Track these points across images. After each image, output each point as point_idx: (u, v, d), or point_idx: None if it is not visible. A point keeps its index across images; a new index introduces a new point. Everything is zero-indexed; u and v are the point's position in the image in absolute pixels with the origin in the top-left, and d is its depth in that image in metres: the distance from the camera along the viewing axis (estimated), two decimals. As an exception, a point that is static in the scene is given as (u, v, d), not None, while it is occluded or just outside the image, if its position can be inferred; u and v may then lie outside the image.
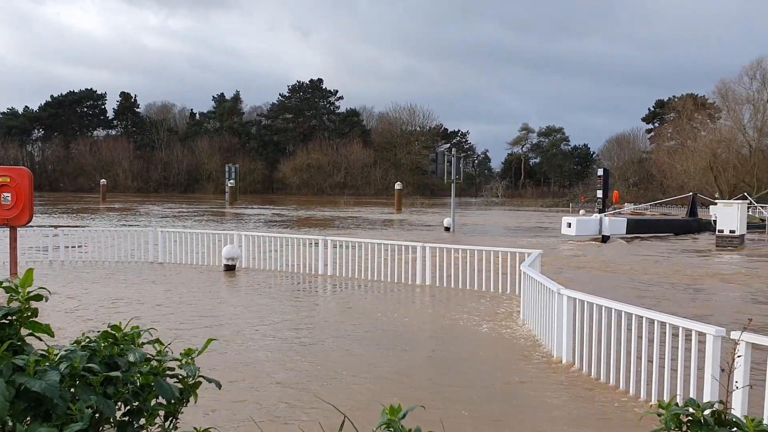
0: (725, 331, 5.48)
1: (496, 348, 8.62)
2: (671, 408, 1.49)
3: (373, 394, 6.50)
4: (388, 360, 7.89)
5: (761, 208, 41.77)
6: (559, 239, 27.64)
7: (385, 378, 7.11)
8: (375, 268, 14.56)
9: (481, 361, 7.96)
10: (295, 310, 11.21)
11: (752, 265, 19.05)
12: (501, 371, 7.47)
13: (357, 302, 12.10)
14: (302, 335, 9.18)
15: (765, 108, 67.65)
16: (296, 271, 15.67)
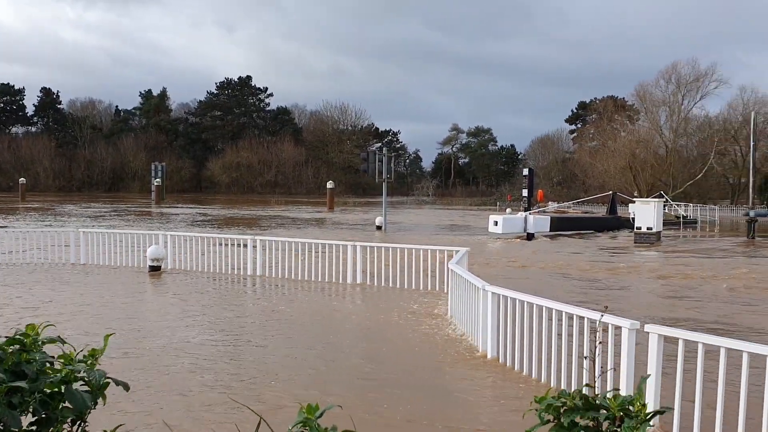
0: (639, 324, 5.74)
1: (424, 345, 8.73)
2: (545, 400, 1.59)
3: (297, 394, 6.48)
4: (316, 360, 7.89)
5: (676, 206, 43.92)
6: (486, 237, 28.23)
7: (311, 378, 7.10)
8: (305, 268, 14.49)
9: (409, 358, 8.05)
10: (222, 311, 11.03)
11: (667, 260, 19.99)
12: (427, 368, 7.59)
13: (286, 303, 12.02)
14: (228, 336, 9.05)
15: (680, 110, 71.08)
16: (224, 271, 15.43)
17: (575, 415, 1.54)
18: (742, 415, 4.90)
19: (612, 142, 72.35)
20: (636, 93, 76.29)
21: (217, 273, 15.34)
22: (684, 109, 71.69)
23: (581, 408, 1.55)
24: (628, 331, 5.68)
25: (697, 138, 73.32)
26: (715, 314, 11.24)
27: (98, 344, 1.97)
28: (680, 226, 36.41)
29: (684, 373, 5.32)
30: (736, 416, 4.92)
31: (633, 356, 5.69)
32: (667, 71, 73.01)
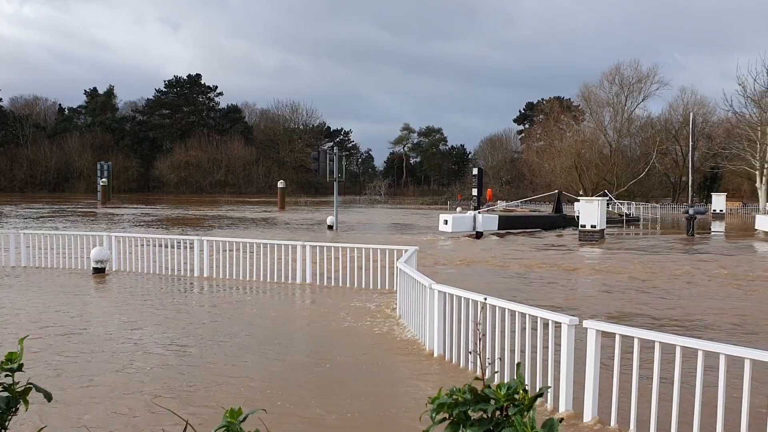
0: (578, 320, 5.92)
1: (372, 344, 8.79)
2: (438, 399, 1.64)
3: (245, 396, 6.46)
4: (262, 362, 7.86)
5: (620, 204, 45.16)
6: (437, 236, 28.47)
7: (255, 380, 7.07)
8: (254, 269, 14.38)
9: (357, 357, 8.09)
10: (168, 313, 10.87)
11: (610, 257, 20.55)
12: (374, 367, 7.64)
13: (233, 304, 11.91)
14: (172, 340, 8.93)
15: (623, 110, 73.10)
16: (171, 273, 15.19)
17: (464, 408, 1.60)
18: (675, 407, 5.11)
19: (558, 142, 73.92)
20: (581, 94, 78.22)
21: (163, 275, 15.09)
22: (627, 110, 73.79)
23: (470, 402, 1.61)
24: (567, 327, 5.84)
25: (640, 138, 75.57)
26: (656, 308, 11.62)
27: (32, 349, 1.95)
28: (623, 224, 37.45)
29: (638, 368, 5.51)
30: (669, 408, 5.13)
31: (572, 351, 5.86)
32: (610, 73, 75.01)
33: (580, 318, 5.95)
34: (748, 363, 4.72)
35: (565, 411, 5.83)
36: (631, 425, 5.36)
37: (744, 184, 68.53)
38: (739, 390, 4.75)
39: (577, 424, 5.66)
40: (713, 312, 11.35)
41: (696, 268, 17.41)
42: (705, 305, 12.07)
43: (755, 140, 57.15)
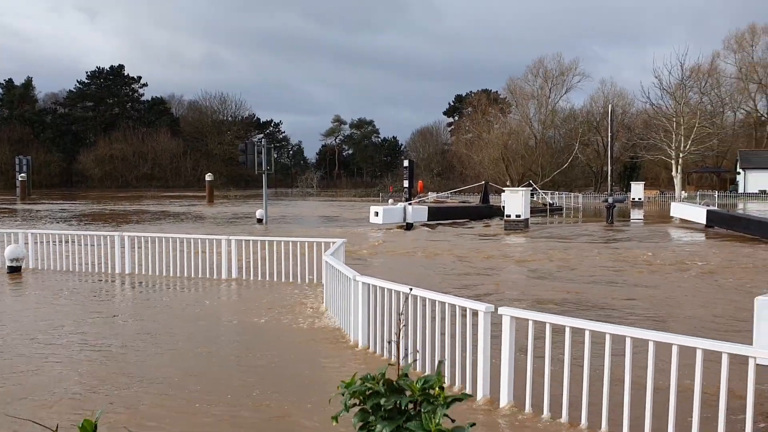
0: (494, 307, 6.07)
1: (297, 337, 8.77)
2: (351, 386, 1.66)
3: (164, 395, 6.34)
4: (184, 359, 7.72)
5: (544, 194, 46.46)
6: (368, 228, 28.57)
7: (178, 379, 6.94)
8: (177, 264, 14.07)
9: (282, 351, 8.05)
10: (87, 312, 10.51)
11: (534, 245, 21.14)
12: (300, 360, 7.62)
13: (156, 301, 11.64)
14: (91, 340, 8.65)
15: (548, 103, 75.25)
16: (91, 270, 14.69)
17: (378, 399, 1.62)
18: (585, 389, 5.32)
19: (486, 134, 75.40)
20: (507, 87, 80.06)
21: (83, 272, 14.58)
22: (551, 102, 76.05)
23: (384, 392, 1.63)
24: (483, 314, 5.99)
25: (563, 129, 78.00)
26: (575, 293, 12.04)
27: None
28: (547, 213, 38.56)
29: (550, 352, 5.68)
30: (580, 390, 5.35)
31: (489, 338, 6.01)
32: (534, 66, 77.06)
33: (497, 305, 6.11)
34: (651, 345, 4.97)
35: (482, 397, 5.99)
36: (545, 409, 5.55)
37: (662, 173, 71.80)
38: (644, 369, 4.99)
39: (494, 409, 5.82)
40: (628, 296, 11.85)
41: (613, 254, 18.12)
42: (621, 290, 12.58)
43: (671, 131, 59.83)
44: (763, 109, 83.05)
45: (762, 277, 13.78)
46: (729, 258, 17.30)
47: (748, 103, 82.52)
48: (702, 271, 15.03)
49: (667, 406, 4.79)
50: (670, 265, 16.03)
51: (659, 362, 5.08)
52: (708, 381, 4.80)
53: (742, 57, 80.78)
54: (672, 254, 18.33)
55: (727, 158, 75.97)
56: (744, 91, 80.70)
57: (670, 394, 4.79)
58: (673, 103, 60.92)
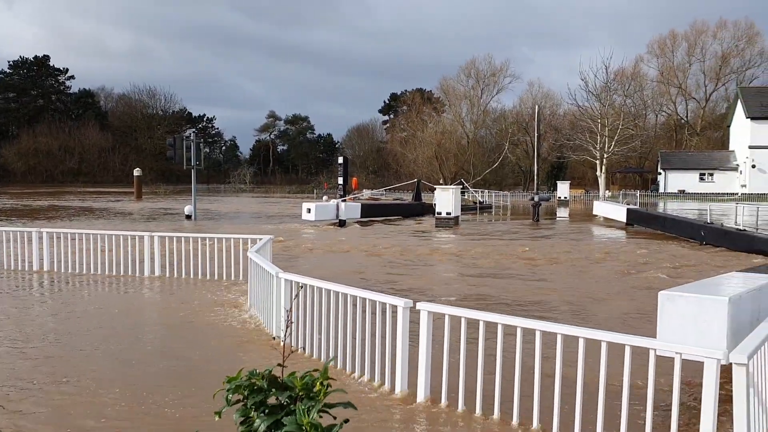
0: (412, 302, 6.16)
1: (221, 334, 8.66)
2: (235, 381, 1.67)
3: (69, 397, 6.16)
4: (103, 359, 7.51)
5: (474, 192, 47.33)
6: (300, 225, 28.43)
7: (95, 379, 6.75)
8: (99, 261, 13.64)
9: (205, 350, 7.94)
10: (1, 311, 10.08)
11: (463, 242, 21.52)
12: (222, 359, 7.53)
13: (75, 299, 11.26)
14: (7, 338, 8.30)
15: (479, 103, 76.63)
16: (7, 268, 14.07)
17: (261, 395, 1.63)
18: (498, 382, 5.47)
19: (420, 133, 76.22)
20: (440, 86, 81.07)
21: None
22: (483, 103, 77.47)
23: (267, 389, 1.65)
24: (402, 309, 6.07)
25: (494, 129, 79.63)
26: (500, 289, 12.34)
27: None
28: (477, 211, 39.30)
29: (465, 346, 5.80)
30: (493, 383, 5.49)
31: (407, 333, 6.10)
32: (467, 66, 78.38)
33: (416, 301, 6.20)
34: (560, 338, 5.15)
35: (401, 391, 6.07)
36: (460, 402, 5.68)
37: (587, 173, 74.22)
38: (553, 360, 5.17)
39: (411, 403, 5.91)
40: (548, 291, 12.22)
41: (536, 250, 18.64)
42: (542, 285, 12.97)
43: (596, 132, 61.93)
44: (683, 112, 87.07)
45: (673, 273, 14.45)
46: (644, 255, 18.06)
47: (669, 106, 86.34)
48: (618, 267, 15.64)
49: (575, 397, 4.98)
50: (590, 261, 16.62)
51: (572, 354, 5.21)
52: (619, 371, 4.95)
53: (664, 62, 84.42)
54: (592, 251, 19.00)
55: (649, 159, 79.21)
56: (665, 94, 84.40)
57: (576, 385, 4.97)
58: (599, 105, 63.08)
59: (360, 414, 5.69)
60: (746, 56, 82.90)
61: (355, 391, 6.21)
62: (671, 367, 4.58)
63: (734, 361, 4.37)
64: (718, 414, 4.41)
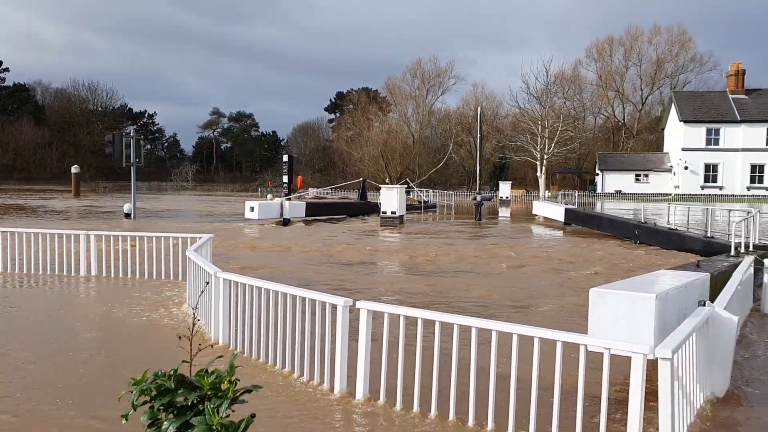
0: (352, 301, 6.17)
1: (159, 337, 8.48)
2: (140, 384, 1.64)
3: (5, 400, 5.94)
4: (31, 362, 7.26)
5: (419, 191, 47.69)
6: (243, 223, 28.10)
7: (23, 383, 6.53)
8: (31, 261, 13.17)
9: (141, 352, 7.76)
10: None
11: (407, 241, 21.68)
12: (158, 361, 7.38)
13: (6, 301, 10.84)
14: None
15: (425, 103, 77.24)
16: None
17: (168, 397, 1.61)
18: (435, 380, 5.53)
19: (367, 132, 76.31)
20: (386, 86, 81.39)
21: None
22: (428, 103, 78.13)
23: (173, 390, 1.63)
24: (342, 308, 6.09)
25: (439, 129, 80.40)
26: (443, 287, 12.47)
27: None
28: (422, 210, 39.64)
29: (403, 344, 5.84)
30: (430, 380, 5.56)
31: (347, 332, 6.11)
32: (412, 67, 78.98)
33: (355, 300, 6.21)
34: (494, 335, 5.25)
35: (339, 390, 6.08)
36: (398, 399, 5.72)
37: (528, 174, 75.74)
38: (488, 356, 5.27)
39: (350, 402, 5.93)
40: (489, 288, 12.42)
41: (478, 249, 18.93)
42: (483, 283, 13.17)
43: (537, 134, 63.28)
44: (620, 114, 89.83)
45: (607, 271, 14.90)
46: (580, 253, 18.57)
47: (607, 108, 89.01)
48: (556, 265, 16.03)
49: (509, 392, 5.09)
50: (529, 259, 16.98)
51: (508, 350, 5.30)
52: (556, 368, 5.06)
53: (602, 65, 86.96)
54: (531, 250, 19.42)
55: (587, 160, 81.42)
56: (603, 97, 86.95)
57: (510, 381, 5.08)
58: (539, 107, 64.48)
59: (298, 413, 5.68)
60: (680, 61, 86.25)
61: (295, 391, 6.20)
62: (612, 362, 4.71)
63: (659, 356, 4.55)
64: (645, 407, 4.58)
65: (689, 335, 5.21)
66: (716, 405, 6.03)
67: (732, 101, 69.02)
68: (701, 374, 5.82)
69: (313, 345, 6.43)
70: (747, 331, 9.10)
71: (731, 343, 6.35)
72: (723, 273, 9.62)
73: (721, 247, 15.50)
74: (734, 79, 70.69)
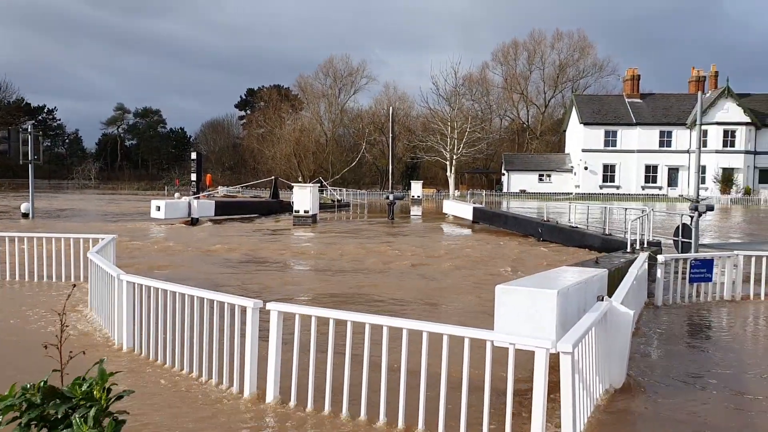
0: (262, 302, 6.09)
1: (57, 342, 8.05)
2: (5, 399, 1.56)
3: None
4: None
5: (332, 190, 47.65)
6: (149, 223, 27.17)
7: None
8: None
9: (39, 359, 7.34)
10: None
11: (320, 240, 21.60)
12: (55, 367, 7.01)
13: None
14: None
15: (337, 102, 77.20)
16: None
17: (37, 411, 1.53)
18: (346, 380, 5.54)
19: (278, 130, 75.46)
20: (298, 84, 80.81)
21: None
22: (341, 102, 78.15)
23: (39, 404, 1.55)
24: (252, 310, 5.99)
25: (352, 129, 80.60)
26: (355, 286, 12.50)
27: None
28: (335, 209, 39.63)
29: (315, 345, 5.80)
30: (342, 380, 5.56)
31: (257, 334, 6.03)
32: (324, 65, 78.81)
33: (266, 301, 6.13)
34: (405, 333, 5.31)
35: (250, 393, 5.99)
36: (309, 401, 5.69)
37: (439, 173, 77.20)
38: (398, 353, 5.33)
39: (261, 404, 5.85)
40: (401, 287, 12.57)
41: (390, 248, 19.12)
42: (396, 281, 13.32)
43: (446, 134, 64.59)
44: (525, 116, 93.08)
45: (513, 268, 15.41)
46: (488, 250, 19.11)
47: (513, 111, 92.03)
48: (464, 262, 16.42)
49: (419, 390, 5.16)
50: (439, 257, 17.31)
51: (421, 347, 5.36)
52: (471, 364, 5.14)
53: (507, 69, 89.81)
54: (441, 248, 19.80)
55: (494, 160, 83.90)
56: (509, 99, 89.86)
57: (421, 378, 5.16)
58: (449, 108, 65.86)
59: (208, 417, 5.55)
60: (580, 66, 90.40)
61: (203, 395, 6.06)
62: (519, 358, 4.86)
63: (561, 350, 4.75)
64: (548, 399, 4.76)
65: (589, 329, 5.45)
66: (614, 395, 6.35)
67: (628, 105, 72.98)
68: (600, 366, 6.11)
69: (222, 348, 6.31)
70: (642, 324, 9.64)
71: (627, 336, 6.70)
72: (620, 269, 10.16)
73: (618, 243, 16.33)
74: (630, 84, 74.77)
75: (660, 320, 10.11)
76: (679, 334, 9.37)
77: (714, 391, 6.66)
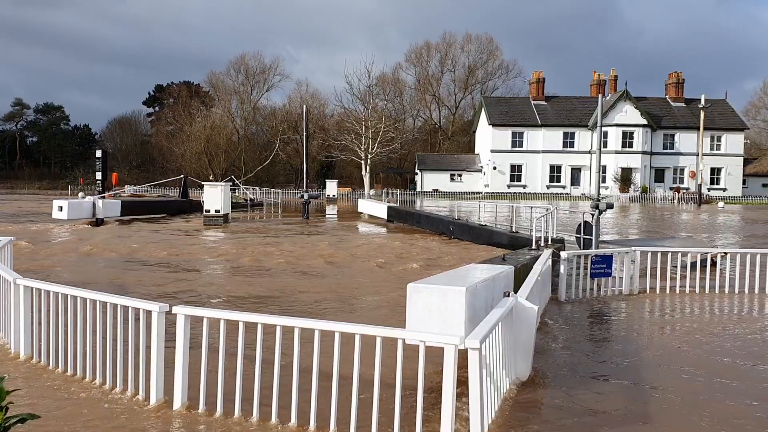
0: (168, 306, 5.92)
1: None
2: None
3: None
4: None
5: (245, 189, 46.89)
6: (50, 224, 25.86)
7: None
8: None
9: None
10: None
11: (233, 241, 21.19)
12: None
13: None
14: None
15: (249, 99, 76.00)
16: None
17: None
18: (257, 384, 5.47)
19: (189, 127, 73.47)
20: (209, 80, 79.01)
21: None
22: (253, 99, 76.97)
23: None
24: (157, 314, 5.82)
25: (265, 127, 79.55)
26: (268, 287, 12.35)
27: None
28: (248, 209, 39.02)
29: (224, 349, 5.68)
30: (252, 383, 5.48)
31: (162, 339, 5.85)
32: (236, 62, 77.46)
33: (172, 304, 5.96)
34: (317, 333, 5.30)
35: (156, 400, 5.81)
36: (218, 405, 5.59)
37: (354, 172, 77.38)
38: (311, 355, 5.31)
39: (167, 411, 5.68)
40: (316, 287, 12.53)
41: (305, 247, 19.02)
42: (311, 282, 13.25)
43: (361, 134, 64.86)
44: (437, 117, 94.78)
45: (425, 265, 15.67)
46: (401, 248, 19.35)
47: (425, 111, 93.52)
48: (379, 261, 16.55)
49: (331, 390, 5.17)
50: (354, 256, 17.37)
51: (345, 349, 5.35)
52: (387, 363, 5.17)
53: (420, 70, 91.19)
54: (356, 247, 19.87)
55: (408, 160, 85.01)
56: (422, 100, 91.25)
57: (333, 378, 5.16)
58: (363, 108, 66.17)
59: (112, 427, 5.35)
60: (489, 68, 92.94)
61: (109, 403, 5.83)
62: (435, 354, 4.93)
63: (469, 346, 4.87)
64: (458, 395, 4.87)
65: (495, 325, 5.62)
66: (520, 388, 6.58)
67: (534, 107, 75.71)
68: (507, 361, 6.32)
69: (126, 354, 6.09)
70: (546, 318, 10.02)
71: (533, 330, 6.95)
72: (525, 265, 10.53)
73: (524, 241, 16.91)
74: (536, 87, 77.57)
75: (564, 314, 10.54)
76: (582, 328, 9.81)
77: (614, 380, 7.02)
